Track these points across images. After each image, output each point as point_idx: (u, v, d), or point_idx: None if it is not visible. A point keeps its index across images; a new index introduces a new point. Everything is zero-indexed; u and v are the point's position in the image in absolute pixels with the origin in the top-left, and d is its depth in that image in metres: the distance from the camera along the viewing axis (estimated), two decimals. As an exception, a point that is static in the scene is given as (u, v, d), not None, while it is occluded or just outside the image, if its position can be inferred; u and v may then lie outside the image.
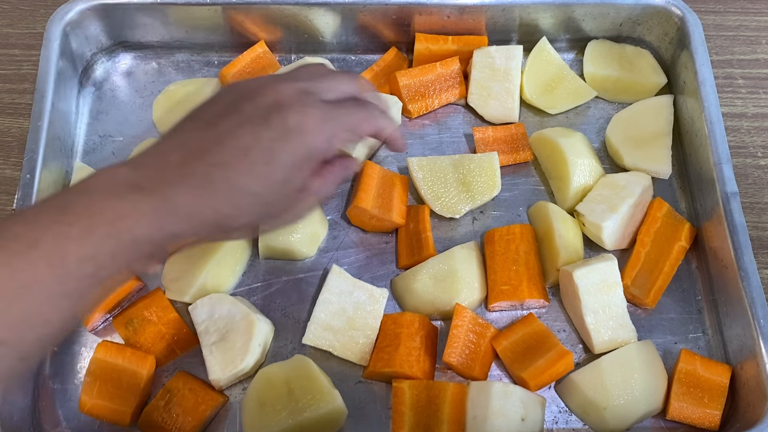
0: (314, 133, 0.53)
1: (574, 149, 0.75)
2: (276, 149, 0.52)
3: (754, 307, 0.65)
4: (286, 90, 0.54)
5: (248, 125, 0.52)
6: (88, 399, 0.64)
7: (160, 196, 0.48)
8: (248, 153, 0.51)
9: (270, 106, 0.53)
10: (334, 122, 0.55)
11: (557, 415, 0.67)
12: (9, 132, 0.83)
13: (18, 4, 0.92)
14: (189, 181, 0.49)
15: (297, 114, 0.53)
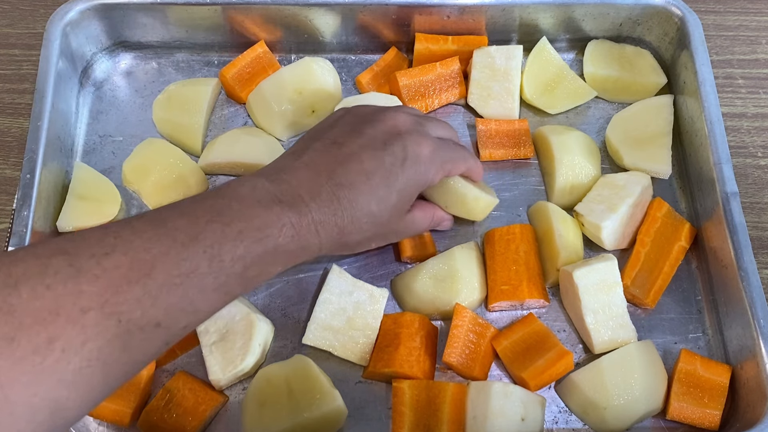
0: (427, 163, 0.60)
1: (563, 146, 0.75)
2: (394, 174, 0.58)
3: (754, 307, 0.65)
4: (403, 119, 0.61)
5: (370, 149, 0.58)
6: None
7: (297, 210, 0.53)
8: (370, 176, 0.57)
9: (389, 132, 0.59)
10: (440, 156, 0.62)
11: (557, 415, 0.67)
12: (9, 132, 0.83)
13: (18, 4, 0.92)
14: (319, 199, 0.54)
15: (414, 143, 0.59)
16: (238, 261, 0.48)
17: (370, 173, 0.57)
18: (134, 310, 0.43)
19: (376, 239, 0.63)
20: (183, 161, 0.76)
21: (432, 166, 0.61)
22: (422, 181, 0.60)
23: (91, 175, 0.76)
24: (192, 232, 0.47)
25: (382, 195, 0.57)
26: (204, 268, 0.47)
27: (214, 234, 0.48)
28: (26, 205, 0.69)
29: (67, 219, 0.72)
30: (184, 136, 0.78)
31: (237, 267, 0.49)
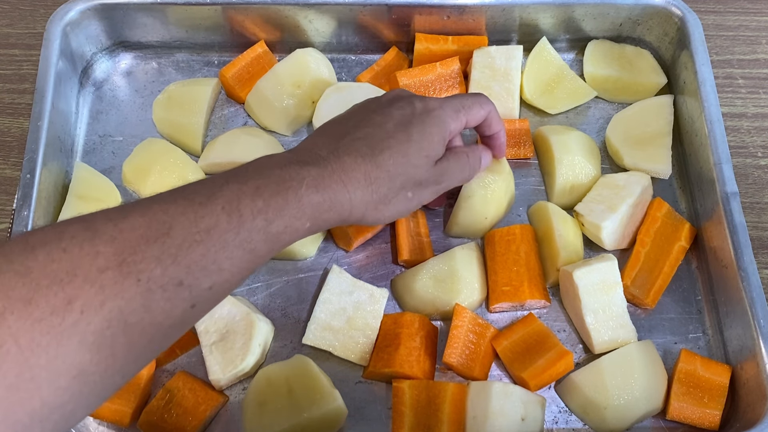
0: (438, 110, 0.61)
1: (563, 146, 0.75)
2: (407, 120, 0.59)
3: (754, 307, 0.65)
4: (403, 92, 0.64)
5: (378, 111, 0.60)
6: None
7: (316, 164, 0.53)
8: (383, 125, 0.58)
9: (393, 98, 0.62)
10: (450, 104, 0.63)
11: (557, 415, 0.67)
12: (9, 132, 0.83)
13: (18, 4, 0.92)
14: (337, 152, 0.55)
15: (419, 100, 0.61)
16: (258, 215, 0.48)
17: (383, 123, 0.58)
18: (154, 269, 0.42)
19: (411, 187, 0.60)
20: (183, 161, 0.76)
21: (443, 112, 0.61)
22: (439, 127, 0.60)
23: (91, 175, 0.76)
24: (209, 192, 0.47)
25: (400, 137, 0.58)
26: (224, 224, 0.46)
27: (231, 192, 0.48)
28: (26, 205, 0.69)
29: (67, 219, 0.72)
30: (184, 136, 0.78)
31: (258, 221, 0.48)
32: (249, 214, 0.47)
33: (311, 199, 0.51)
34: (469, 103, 0.64)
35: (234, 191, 0.48)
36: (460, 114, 0.63)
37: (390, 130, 0.58)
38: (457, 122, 0.63)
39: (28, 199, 0.69)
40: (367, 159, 0.56)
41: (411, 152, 0.58)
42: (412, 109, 0.60)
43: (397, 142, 0.58)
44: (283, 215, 0.50)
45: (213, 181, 0.49)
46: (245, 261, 0.48)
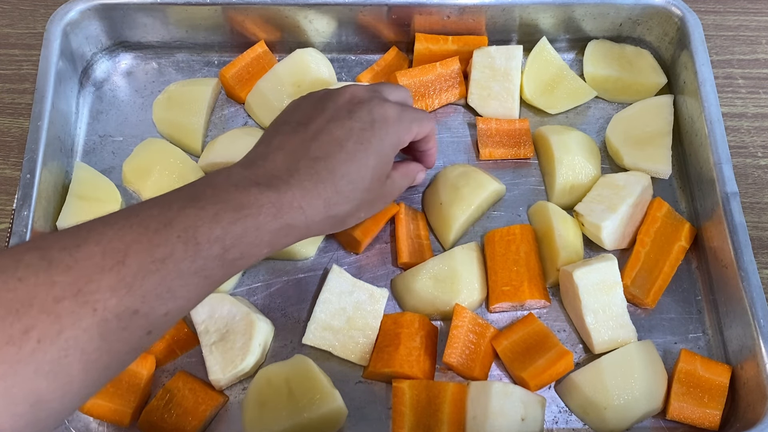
0: (396, 123, 0.61)
1: (563, 146, 0.75)
2: (367, 137, 0.58)
3: (754, 307, 0.65)
4: (359, 89, 0.62)
5: (337, 120, 0.58)
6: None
7: (276, 189, 0.53)
8: (343, 143, 0.57)
9: (350, 101, 0.60)
10: (406, 116, 0.62)
11: (557, 415, 0.67)
12: (9, 132, 0.83)
13: (18, 4, 0.92)
14: (298, 175, 0.55)
15: (378, 107, 0.60)
16: (215, 243, 0.48)
17: (343, 140, 0.57)
18: (109, 298, 0.43)
19: (364, 207, 0.61)
20: (183, 161, 0.76)
21: (401, 125, 0.61)
22: (395, 141, 0.61)
23: (91, 175, 0.76)
24: (165, 218, 0.47)
25: (360, 159, 0.57)
26: (180, 253, 0.46)
27: (188, 218, 0.47)
28: (26, 205, 0.69)
29: (67, 219, 0.72)
30: (184, 136, 0.78)
31: (215, 249, 0.48)
32: (206, 242, 0.47)
33: (269, 227, 0.51)
34: (420, 116, 0.65)
35: (191, 217, 0.48)
36: (414, 126, 0.63)
37: (350, 149, 0.57)
38: (409, 135, 0.63)
39: (28, 199, 0.69)
40: (328, 184, 0.55)
41: (369, 176, 0.59)
42: (371, 120, 0.59)
43: (357, 167, 0.57)
44: (241, 243, 0.50)
45: (169, 204, 0.48)
46: (201, 287, 0.48)
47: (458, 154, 0.80)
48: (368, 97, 0.61)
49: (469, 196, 0.73)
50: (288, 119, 0.61)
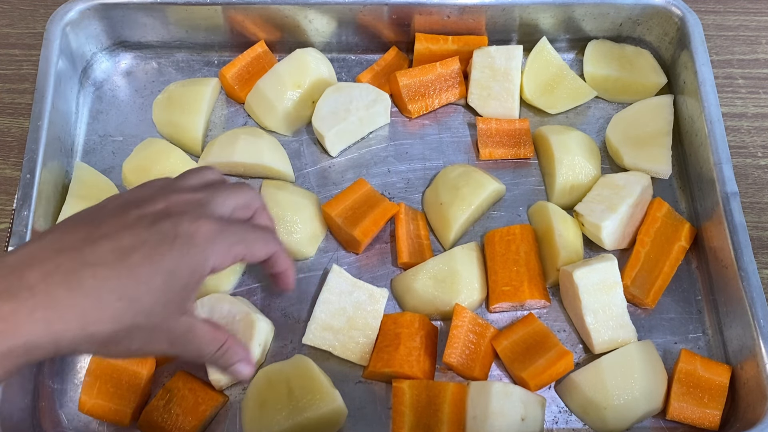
0: (204, 244, 0.51)
1: (563, 146, 0.75)
2: (159, 253, 0.49)
3: (754, 307, 0.65)
4: (178, 199, 0.53)
5: (133, 228, 0.49)
6: (88, 399, 0.64)
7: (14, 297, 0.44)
8: (127, 254, 0.48)
9: (159, 213, 0.51)
10: (227, 236, 0.53)
11: (557, 415, 0.67)
12: (9, 132, 0.83)
13: (18, 4, 0.92)
14: (51, 281, 0.45)
15: (189, 223, 0.51)
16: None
17: (129, 250, 0.48)
18: None
19: (139, 334, 0.49)
20: (183, 161, 0.76)
21: (213, 248, 0.51)
22: (200, 267, 0.51)
23: (91, 175, 0.76)
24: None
25: (143, 275, 0.48)
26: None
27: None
28: (26, 205, 0.69)
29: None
30: (184, 136, 0.78)
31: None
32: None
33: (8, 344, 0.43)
34: (252, 238, 0.55)
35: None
36: (236, 248, 0.54)
37: (133, 263, 0.48)
38: (226, 259, 0.53)
39: (28, 199, 0.69)
40: (90, 296, 0.46)
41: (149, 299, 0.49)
42: (174, 234, 0.50)
43: (135, 283, 0.48)
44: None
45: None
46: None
47: (458, 154, 0.80)
48: (185, 210, 0.52)
49: (469, 196, 0.73)
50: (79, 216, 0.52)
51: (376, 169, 0.79)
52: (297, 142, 0.80)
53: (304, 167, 0.79)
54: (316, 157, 0.79)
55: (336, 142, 0.78)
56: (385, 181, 0.78)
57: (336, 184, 0.78)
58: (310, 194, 0.76)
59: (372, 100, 0.77)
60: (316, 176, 0.78)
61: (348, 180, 0.78)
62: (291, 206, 0.72)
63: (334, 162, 0.79)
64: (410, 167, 0.79)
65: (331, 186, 0.78)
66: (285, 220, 0.72)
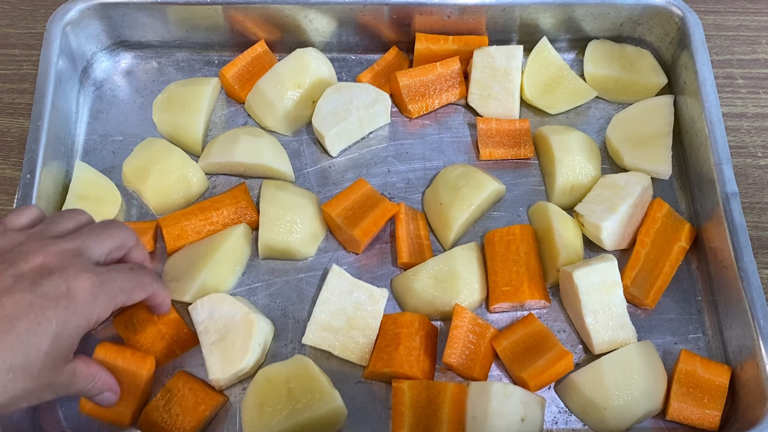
0: (87, 301, 0.52)
1: (563, 146, 0.75)
2: (47, 318, 0.49)
3: (754, 308, 0.65)
4: (53, 251, 0.52)
5: (14, 293, 0.49)
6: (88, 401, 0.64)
7: None
8: (14, 324, 0.48)
9: (38, 270, 0.51)
10: (108, 288, 0.54)
11: (557, 415, 0.67)
12: (9, 132, 0.83)
13: (18, 4, 0.92)
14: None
15: (68, 280, 0.51)
16: None
17: (15, 319, 0.48)
18: None
19: (28, 396, 0.51)
20: (183, 161, 0.76)
21: (95, 304, 0.52)
22: (85, 323, 0.52)
23: (91, 175, 0.76)
24: None
25: (31, 344, 0.49)
26: None
27: None
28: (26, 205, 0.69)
29: None
30: (184, 135, 0.78)
31: None
32: None
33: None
34: (131, 286, 0.56)
35: None
36: (118, 299, 0.55)
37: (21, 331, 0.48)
38: (107, 311, 0.54)
39: (28, 199, 0.69)
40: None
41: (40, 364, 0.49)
42: (58, 294, 0.50)
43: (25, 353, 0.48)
44: None
45: None
46: None
47: (458, 154, 0.80)
48: (62, 265, 0.52)
49: (469, 196, 0.73)
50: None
51: (376, 169, 0.79)
52: (297, 142, 0.80)
53: (304, 167, 0.79)
54: (316, 157, 0.79)
55: (336, 142, 0.78)
56: (385, 181, 0.78)
57: (336, 184, 0.78)
58: (310, 194, 0.76)
59: (372, 100, 0.77)
60: (316, 176, 0.78)
61: (348, 180, 0.78)
62: (291, 206, 0.72)
63: (334, 162, 0.79)
64: (410, 167, 0.79)
65: (331, 186, 0.78)
66: (285, 220, 0.72)
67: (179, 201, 0.76)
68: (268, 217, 0.72)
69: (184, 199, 0.76)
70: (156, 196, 0.75)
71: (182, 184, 0.75)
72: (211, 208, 0.73)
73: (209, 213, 0.73)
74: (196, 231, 0.73)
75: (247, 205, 0.74)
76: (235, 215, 0.73)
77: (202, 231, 0.73)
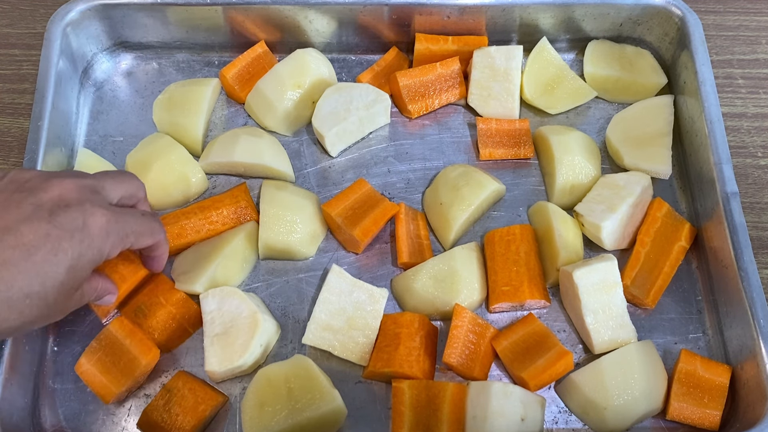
0: (101, 236, 0.54)
1: (563, 146, 0.75)
2: (63, 249, 0.51)
3: (754, 307, 0.65)
4: (71, 185, 0.54)
5: (32, 221, 0.51)
6: (85, 362, 0.64)
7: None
8: (32, 252, 0.50)
9: (56, 201, 0.52)
10: (120, 228, 0.55)
11: (557, 415, 0.67)
12: (9, 132, 0.83)
13: (18, 4, 0.92)
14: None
15: (85, 214, 0.53)
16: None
17: (33, 248, 0.50)
18: None
19: (41, 320, 0.53)
20: (185, 159, 0.76)
21: (108, 240, 0.54)
22: (96, 257, 0.54)
23: (95, 161, 0.76)
24: None
25: (47, 273, 0.51)
26: None
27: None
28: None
29: None
30: (185, 136, 0.78)
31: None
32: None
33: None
34: (141, 228, 0.58)
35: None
36: (128, 239, 0.57)
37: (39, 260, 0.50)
38: (118, 249, 0.56)
39: (29, 199, 0.69)
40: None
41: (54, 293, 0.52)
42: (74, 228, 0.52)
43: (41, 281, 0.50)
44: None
45: None
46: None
47: (458, 154, 0.80)
48: (79, 199, 0.53)
49: (469, 196, 0.73)
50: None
51: (376, 169, 0.79)
52: (297, 142, 0.80)
53: (304, 167, 0.79)
54: (316, 157, 0.79)
55: (336, 142, 0.78)
56: (385, 181, 0.78)
57: (336, 184, 0.78)
58: (310, 194, 0.76)
59: (372, 100, 0.77)
60: (316, 176, 0.78)
61: (348, 180, 0.78)
62: (291, 206, 0.72)
63: (334, 162, 0.79)
64: (410, 167, 0.79)
65: (331, 186, 0.78)
66: (285, 220, 0.72)
67: (178, 199, 0.76)
68: (268, 217, 0.72)
69: (182, 198, 0.76)
70: (155, 191, 0.75)
71: (182, 182, 0.75)
72: (211, 207, 0.73)
73: (209, 212, 0.73)
74: (196, 230, 0.73)
75: (247, 205, 0.74)
76: (235, 215, 0.74)
77: (202, 230, 0.73)
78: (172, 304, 0.68)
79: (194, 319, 0.69)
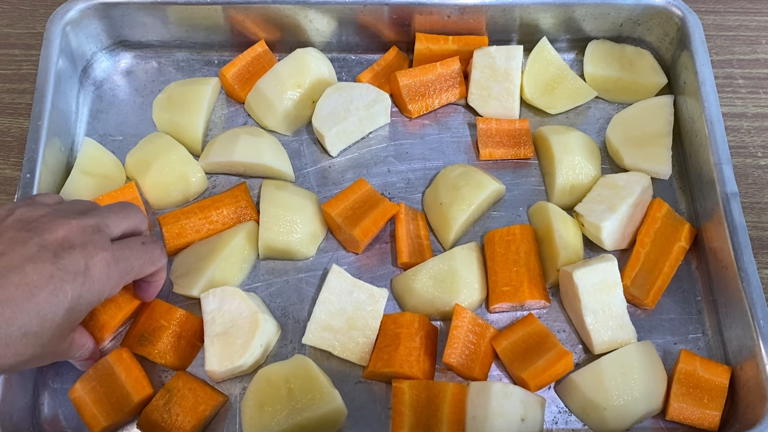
0: (101, 280, 0.55)
1: (563, 146, 0.75)
2: (63, 291, 0.52)
3: (754, 308, 0.65)
4: (76, 227, 0.55)
5: (37, 262, 0.51)
6: (80, 388, 0.64)
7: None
8: (34, 292, 0.51)
9: (61, 243, 0.53)
10: (121, 267, 0.57)
11: (557, 415, 0.67)
12: (9, 132, 0.83)
13: (18, 4, 0.92)
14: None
15: (87, 257, 0.54)
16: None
17: (35, 288, 0.51)
18: None
19: (32, 361, 0.54)
20: (185, 159, 0.76)
21: (108, 282, 0.56)
22: (95, 300, 0.55)
23: (98, 152, 0.76)
24: None
25: (47, 313, 0.51)
26: None
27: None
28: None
29: (70, 193, 0.73)
30: (184, 135, 0.78)
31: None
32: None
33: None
34: (140, 264, 0.59)
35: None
36: (127, 278, 0.58)
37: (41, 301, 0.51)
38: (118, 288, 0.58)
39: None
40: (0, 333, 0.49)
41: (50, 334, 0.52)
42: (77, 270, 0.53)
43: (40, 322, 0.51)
44: None
45: None
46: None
47: (458, 154, 0.80)
48: (83, 241, 0.54)
49: (469, 196, 0.73)
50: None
51: (376, 169, 0.79)
52: (297, 142, 0.80)
53: (304, 167, 0.79)
54: (316, 157, 0.79)
55: (336, 141, 0.78)
56: (385, 181, 0.78)
57: (336, 184, 0.78)
58: (310, 194, 0.76)
59: (372, 100, 0.77)
60: (316, 176, 0.78)
61: (348, 180, 0.78)
62: (291, 206, 0.72)
63: (334, 162, 0.79)
64: (410, 167, 0.79)
65: (331, 186, 0.78)
66: (285, 220, 0.72)
67: (177, 198, 0.76)
68: (268, 217, 0.72)
69: (182, 197, 0.76)
70: (154, 190, 0.75)
71: (182, 181, 0.75)
72: (211, 207, 0.73)
73: (209, 212, 0.73)
74: (196, 230, 0.73)
75: (247, 205, 0.74)
76: (235, 215, 0.73)
77: (202, 230, 0.73)
78: (174, 324, 0.67)
79: (200, 333, 0.68)
